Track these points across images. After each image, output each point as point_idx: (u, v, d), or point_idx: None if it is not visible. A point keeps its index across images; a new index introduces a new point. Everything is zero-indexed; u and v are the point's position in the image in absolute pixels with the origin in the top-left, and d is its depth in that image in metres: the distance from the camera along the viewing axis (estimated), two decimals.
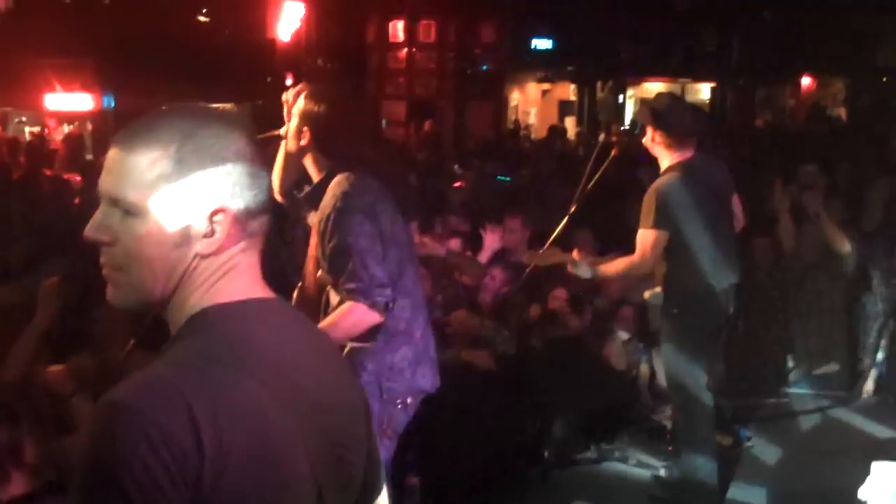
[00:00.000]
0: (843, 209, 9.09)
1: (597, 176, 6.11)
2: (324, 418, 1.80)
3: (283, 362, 1.76)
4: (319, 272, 4.28)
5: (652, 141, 5.74)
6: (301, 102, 4.25)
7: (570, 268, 5.86)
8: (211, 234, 1.73)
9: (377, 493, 2.06)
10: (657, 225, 5.51)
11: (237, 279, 1.79)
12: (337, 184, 4.12)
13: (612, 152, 6.09)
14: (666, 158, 5.74)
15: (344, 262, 4.02)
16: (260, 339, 1.75)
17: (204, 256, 1.75)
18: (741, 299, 7.55)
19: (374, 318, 4.03)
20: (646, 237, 5.56)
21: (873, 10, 24.57)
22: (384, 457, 4.14)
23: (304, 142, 4.23)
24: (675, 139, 5.68)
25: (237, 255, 1.79)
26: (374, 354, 4.12)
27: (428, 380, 4.31)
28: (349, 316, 4.02)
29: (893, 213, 9.26)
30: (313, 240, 4.30)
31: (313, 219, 4.27)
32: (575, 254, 5.84)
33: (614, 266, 5.81)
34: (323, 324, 4.02)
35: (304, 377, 1.79)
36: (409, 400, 4.24)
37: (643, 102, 6.40)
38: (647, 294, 6.14)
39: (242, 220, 1.77)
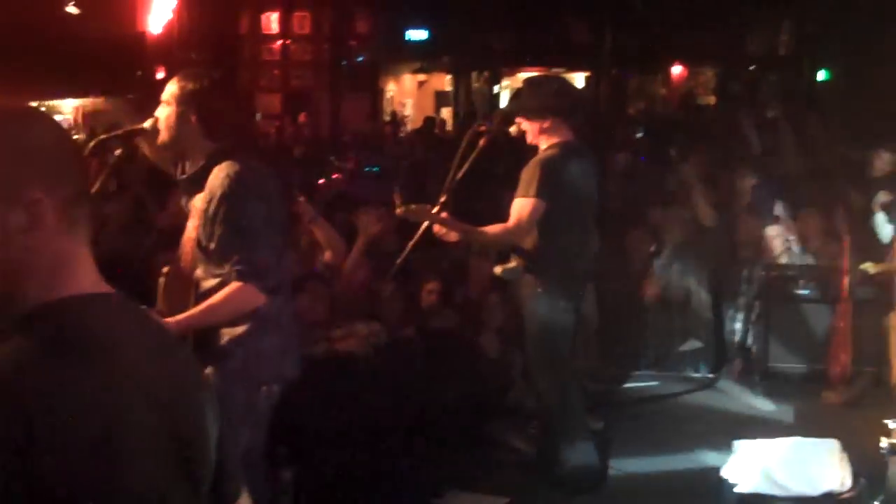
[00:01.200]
0: (712, 194, 9.33)
1: (466, 165, 6.11)
2: (168, 414, 1.78)
3: (124, 357, 1.74)
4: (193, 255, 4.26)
5: (529, 127, 5.79)
6: (175, 88, 4.22)
7: (437, 228, 5.86)
8: (32, 225, 1.70)
9: (231, 488, 2.04)
10: (538, 194, 5.54)
11: (72, 273, 1.77)
12: (228, 166, 4.13)
13: (482, 142, 6.08)
14: (545, 141, 5.78)
15: (236, 244, 4.04)
16: (100, 334, 1.73)
17: (31, 249, 1.71)
18: (609, 285, 7.72)
19: (260, 300, 4.06)
20: (524, 205, 5.57)
21: (741, 0, 25.11)
22: (245, 444, 4.15)
23: (186, 126, 4.20)
24: (549, 120, 5.73)
25: (66, 246, 1.76)
26: (244, 340, 4.13)
27: (292, 368, 4.34)
28: (238, 295, 4.04)
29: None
30: (193, 222, 4.27)
31: (194, 202, 4.24)
32: (445, 215, 5.83)
33: (487, 230, 5.80)
34: (210, 301, 4.05)
35: (147, 372, 1.76)
36: (273, 388, 4.25)
37: (515, 92, 6.43)
38: (498, 269, 6.14)
39: (62, 208, 1.74)
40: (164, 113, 4.26)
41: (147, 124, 4.36)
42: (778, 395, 7.72)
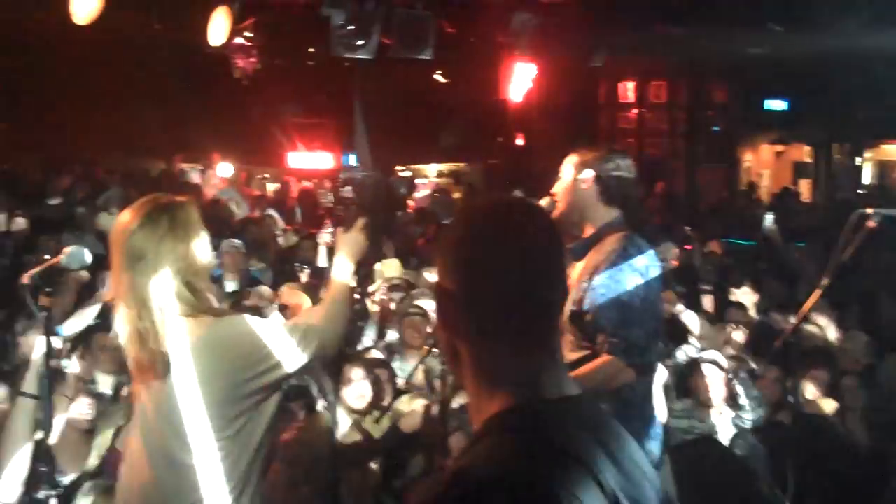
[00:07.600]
0: None
1: (850, 249, 5.76)
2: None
3: (588, 461, 1.76)
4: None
5: None
6: (574, 160, 4.38)
7: None
8: None
9: None
10: None
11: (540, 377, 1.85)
12: (618, 239, 4.26)
13: (869, 224, 5.68)
14: None
15: (614, 316, 4.11)
16: (568, 439, 1.77)
17: None
18: None
19: (628, 376, 4.13)
20: None
21: None
22: None
23: (583, 193, 4.34)
24: None
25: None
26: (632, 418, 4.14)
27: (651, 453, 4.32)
28: (607, 368, 4.12)
29: None
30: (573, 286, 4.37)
31: (571, 270, 4.33)
32: None
33: None
34: (581, 370, 4.12)
35: (607, 475, 1.78)
36: None
37: None
38: None
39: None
40: (562, 185, 4.41)
41: (544, 202, 4.47)
42: None
